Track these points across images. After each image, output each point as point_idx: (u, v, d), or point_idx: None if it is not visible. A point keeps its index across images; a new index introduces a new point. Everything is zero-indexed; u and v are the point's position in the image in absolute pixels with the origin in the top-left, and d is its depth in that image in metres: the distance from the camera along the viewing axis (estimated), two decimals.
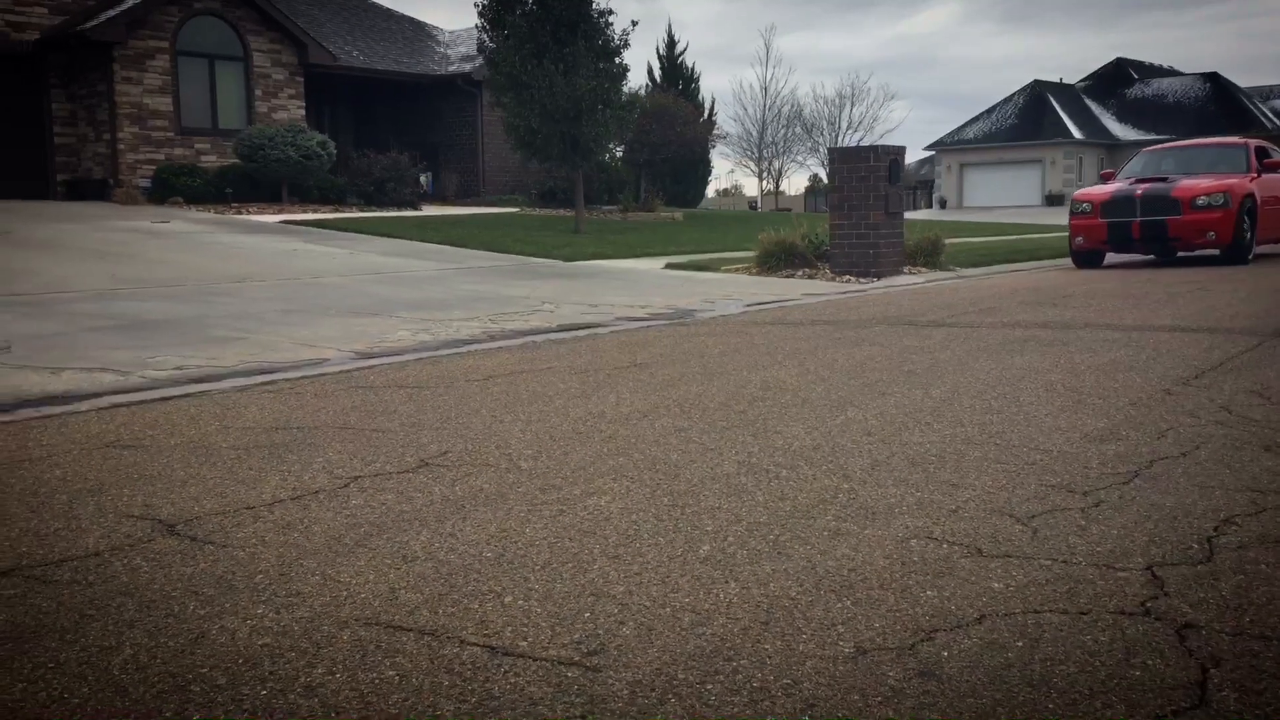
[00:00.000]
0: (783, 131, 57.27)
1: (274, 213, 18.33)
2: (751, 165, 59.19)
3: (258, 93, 21.37)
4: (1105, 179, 14.56)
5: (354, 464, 3.46)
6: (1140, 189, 13.00)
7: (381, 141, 25.08)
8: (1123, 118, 51.57)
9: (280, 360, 5.96)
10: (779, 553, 2.51)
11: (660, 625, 2.09)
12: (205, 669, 1.91)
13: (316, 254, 12.82)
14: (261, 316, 7.80)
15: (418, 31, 27.80)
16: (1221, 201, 12.56)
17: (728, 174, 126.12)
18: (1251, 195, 12.93)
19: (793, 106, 61.04)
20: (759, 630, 2.06)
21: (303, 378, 5.40)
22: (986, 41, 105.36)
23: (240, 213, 18.19)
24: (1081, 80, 55.00)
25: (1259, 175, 13.40)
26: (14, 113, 19.78)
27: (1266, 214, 13.36)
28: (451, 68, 26.08)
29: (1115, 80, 53.95)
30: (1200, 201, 12.59)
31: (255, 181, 19.51)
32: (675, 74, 34.04)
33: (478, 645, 2.00)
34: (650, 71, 34.63)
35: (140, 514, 2.91)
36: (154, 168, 19.59)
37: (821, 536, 2.62)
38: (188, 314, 7.81)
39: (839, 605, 2.18)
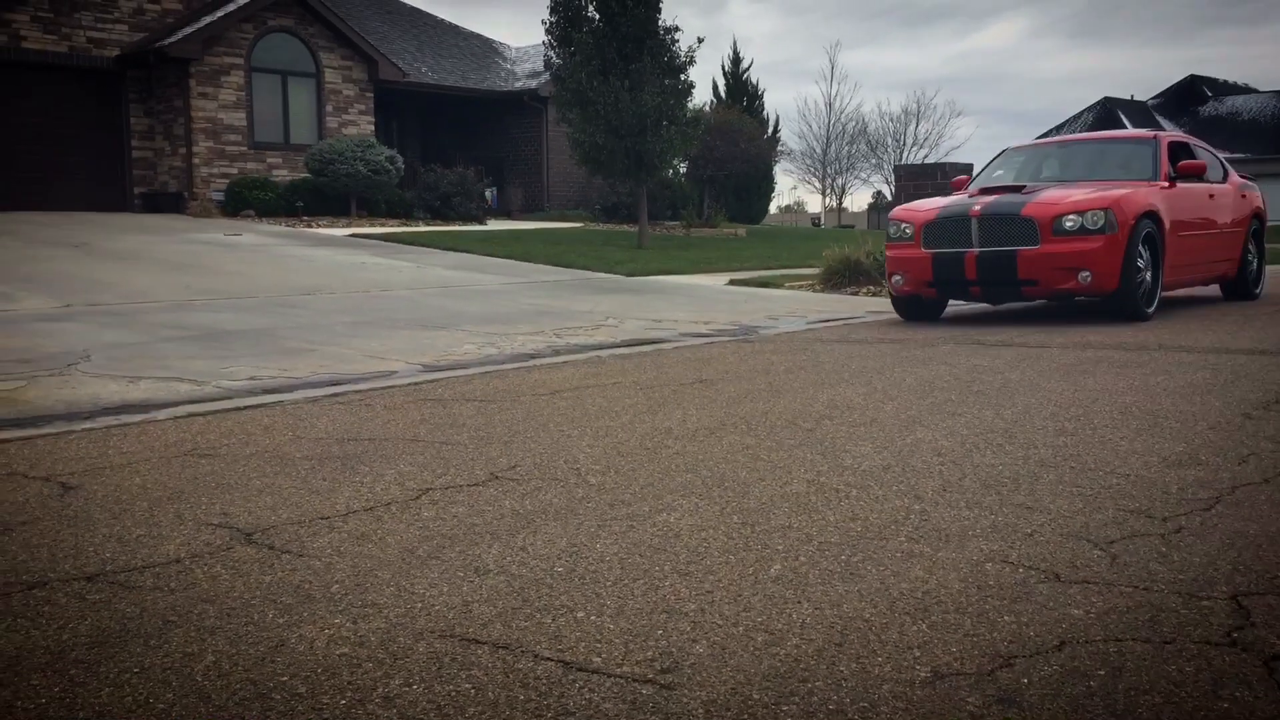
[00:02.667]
0: (847, 148, 56.95)
1: (343, 226, 18.60)
2: (815, 182, 58.92)
3: (328, 108, 21.73)
4: (956, 188, 10.04)
5: (425, 476, 3.50)
6: (980, 203, 8.32)
7: (448, 156, 25.36)
8: (1196, 136, 50.65)
9: (350, 372, 6.04)
10: (852, 574, 2.49)
11: (733, 644, 2.09)
12: (285, 677, 1.94)
13: (384, 267, 12.99)
14: (331, 328, 7.91)
15: (485, 48, 28.11)
16: (1100, 224, 7.90)
17: (790, 190, 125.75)
18: (1153, 214, 8.31)
19: (857, 123, 60.61)
20: (833, 652, 2.04)
21: (372, 390, 5.46)
22: (1055, 57, 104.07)
23: (310, 226, 18.48)
24: (1153, 97, 54.11)
25: (1171, 184, 8.88)
26: (95, 127, 20.32)
27: (1182, 243, 8.78)
28: (518, 84, 26.32)
29: (1188, 97, 52.99)
30: (1068, 223, 7.96)
31: (325, 195, 19.83)
32: (740, 90, 34.02)
33: (552, 660, 2.01)
34: (715, 88, 34.64)
35: (219, 522, 2.97)
36: (227, 181, 19.99)
37: (894, 558, 2.59)
38: (260, 325, 7.95)
39: (914, 628, 2.16)
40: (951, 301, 9.18)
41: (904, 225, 8.72)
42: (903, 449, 3.82)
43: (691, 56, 18.07)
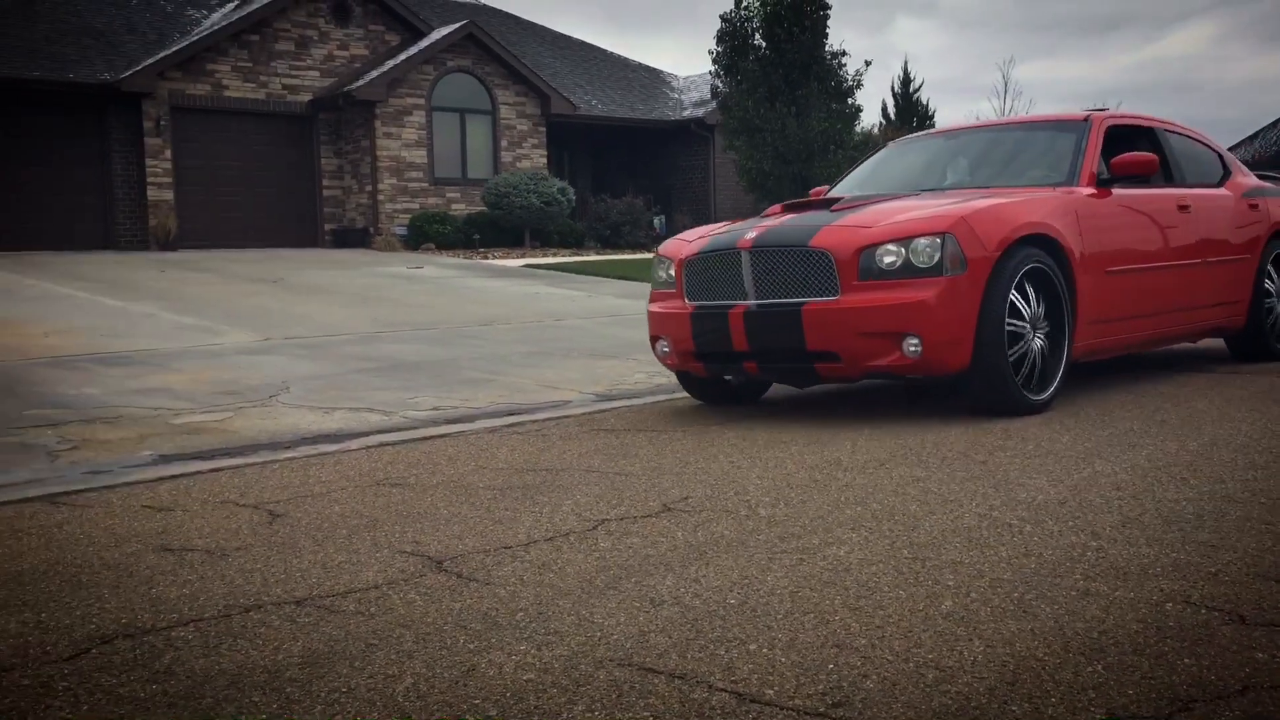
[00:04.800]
0: None
1: (517, 257, 19.20)
2: None
3: (503, 143, 22.48)
4: (818, 197, 6.63)
5: (601, 507, 3.63)
6: (760, 228, 5.42)
7: (617, 185, 25.86)
8: None
9: (526, 402, 6.27)
10: (1024, 612, 2.48)
11: (904, 681, 2.12)
12: (478, 700, 2.08)
13: (557, 297, 13.35)
14: (508, 358, 8.21)
15: (653, 79, 28.56)
16: (934, 258, 4.92)
17: None
18: (1045, 239, 5.24)
19: None
20: (1005, 691, 2.06)
21: (548, 419, 5.66)
22: (1246, 62, 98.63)
23: (486, 257, 19.14)
24: None
25: (1101, 191, 5.79)
26: (289, 167, 21.57)
27: (1115, 284, 5.67)
28: (685, 113, 26.63)
29: None
30: (884, 258, 4.99)
31: (500, 227, 20.51)
32: (910, 110, 33.54)
33: (726, 691, 2.09)
34: (884, 109, 34.24)
35: (411, 550, 3.16)
36: (409, 216, 20.92)
37: (1069, 596, 2.57)
38: (442, 356, 8.31)
39: (1089, 669, 2.15)
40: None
41: (667, 264, 5.82)
42: (1079, 482, 3.75)
43: (859, 80, 18.03)
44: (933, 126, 33.14)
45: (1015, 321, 5.09)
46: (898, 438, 4.74)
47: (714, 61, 18.60)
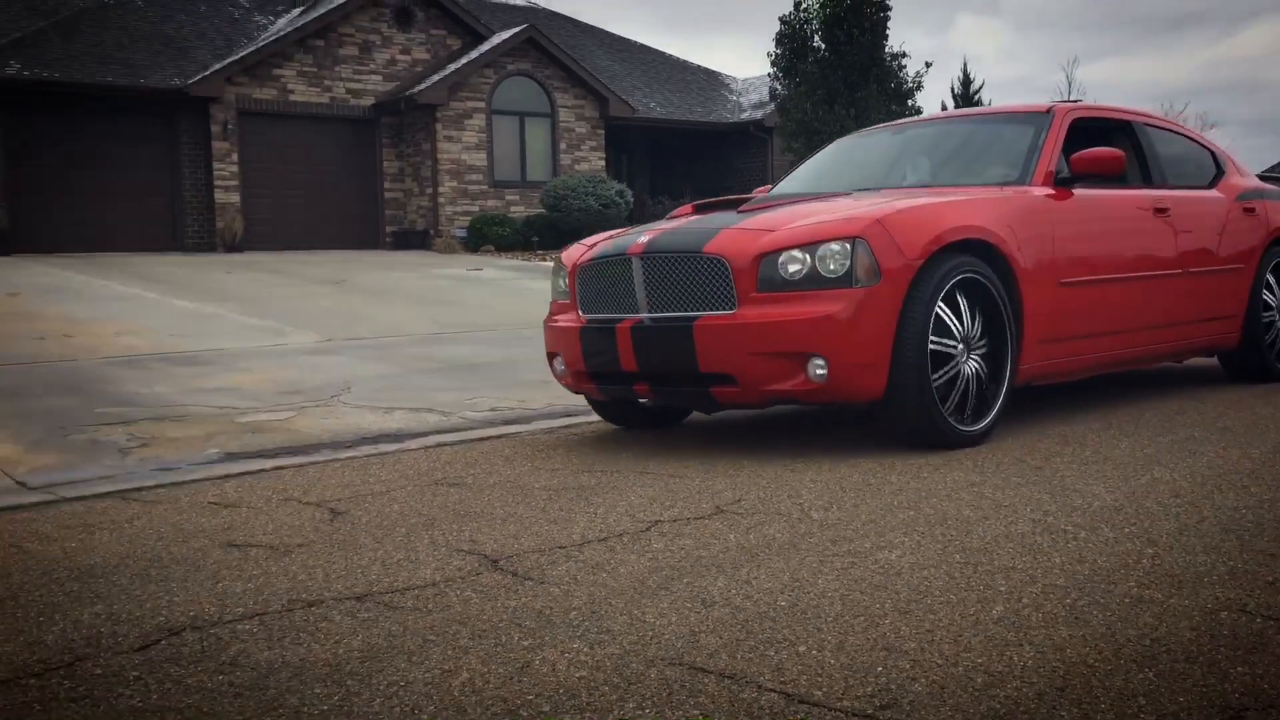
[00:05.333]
0: None
1: None
2: None
3: (562, 145, 22.63)
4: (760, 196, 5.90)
5: (654, 508, 3.67)
6: (655, 231, 4.87)
7: (674, 187, 25.90)
8: None
9: (582, 404, 6.32)
10: (1076, 618, 2.48)
11: (952, 684, 2.14)
12: (531, 696, 2.13)
13: None
14: None
15: (711, 80, 28.56)
16: (843, 267, 4.31)
17: None
18: (982, 245, 4.62)
19: None
20: (1054, 697, 2.07)
21: (601, 421, 5.71)
22: None
23: (544, 259, 19.27)
24: None
25: (1061, 191, 5.15)
26: (351, 170, 21.90)
27: (1073, 297, 5.06)
28: (743, 115, 26.61)
29: None
30: (787, 266, 4.37)
31: (558, 229, 20.64)
32: None
33: (775, 691, 2.12)
34: (944, 109, 33.99)
35: (468, 548, 3.23)
36: (469, 218, 21.14)
37: (1122, 603, 2.57)
38: (500, 357, 8.40)
39: (1140, 676, 2.15)
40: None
41: (564, 272, 5.19)
42: (1137, 489, 3.72)
43: (919, 82, 17.88)
44: None
45: (943, 340, 4.44)
46: None
47: (772, 64, 18.58)
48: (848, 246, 4.31)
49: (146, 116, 20.15)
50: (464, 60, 21.59)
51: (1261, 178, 7.00)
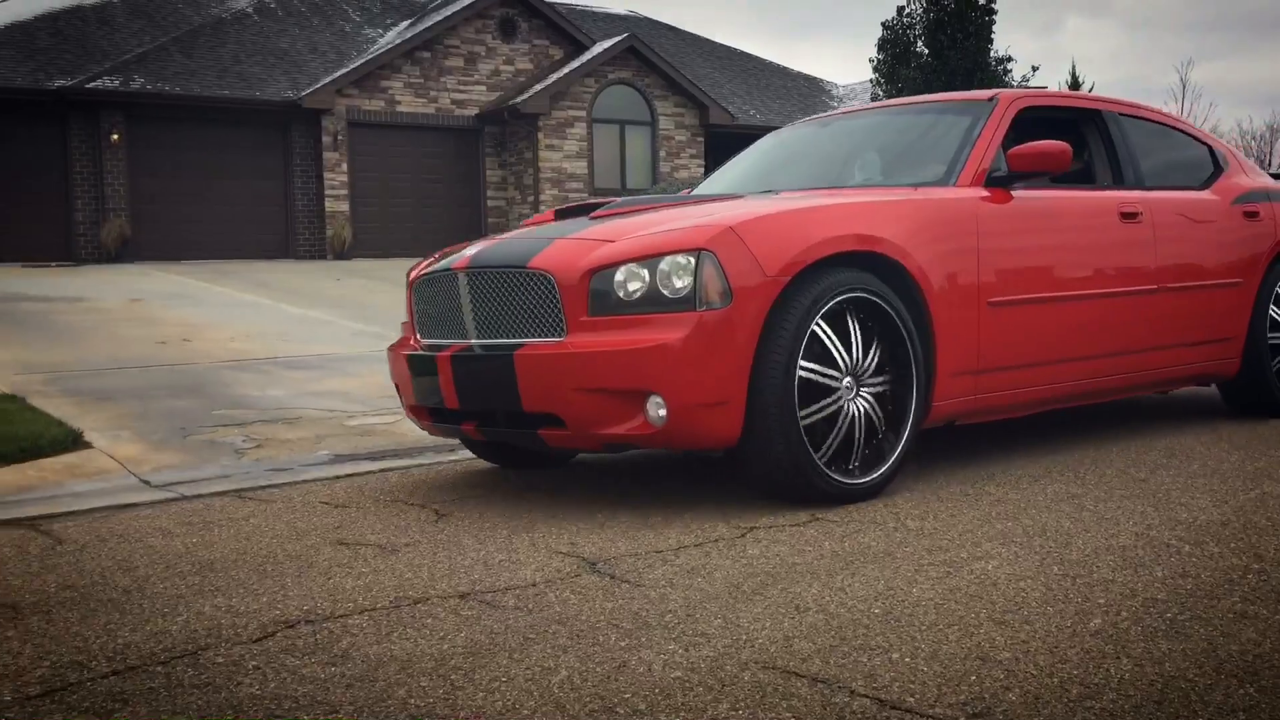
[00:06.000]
0: None
1: None
2: None
3: (662, 153, 22.77)
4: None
5: (750, 514, 3.71)
6: (480, 245, 4.22)
7: None
8: None
9: None
10: (1176, 632, 2.46)
11: (1047, 695, 2.14)
12: (628, 694, 2.19)
13: None
14: None
15: (812, 87, 28.44)
16: (685, 287, 3.57)
17: None
18: (886, 257, 3.89)
19: None
20: (1151, 709, 2.06)
21: None
22: None
23: None
24: None
25: (997, 192, 4.38)
26: (456, 179, 22.36)
27: (1011, 320, 4.29)
28: None
29: None
30: (627, 284, 3.64)
31: None
32: None
33: (867, 697, 2.15)
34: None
35: (567, 551, 3.31)
36: None
37: (1225, 619, 2.53)
38: None
39: (1240, 692, 2.12)
40: None
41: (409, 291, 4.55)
42: (1245, 503, 3.64)
43: (1025, 86, 17.55)
44: None
45: (819, 370, 3.69)
46: (1053, 453, 4.66)
47: (874, 69, 18.45)
48: (691, 260, 3.56)
49: (261, 128, 20.85)
50: (566, 70, 21.87)
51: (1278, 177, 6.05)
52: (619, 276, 3.64)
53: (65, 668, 2.41)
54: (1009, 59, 17.42)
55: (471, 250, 4.16)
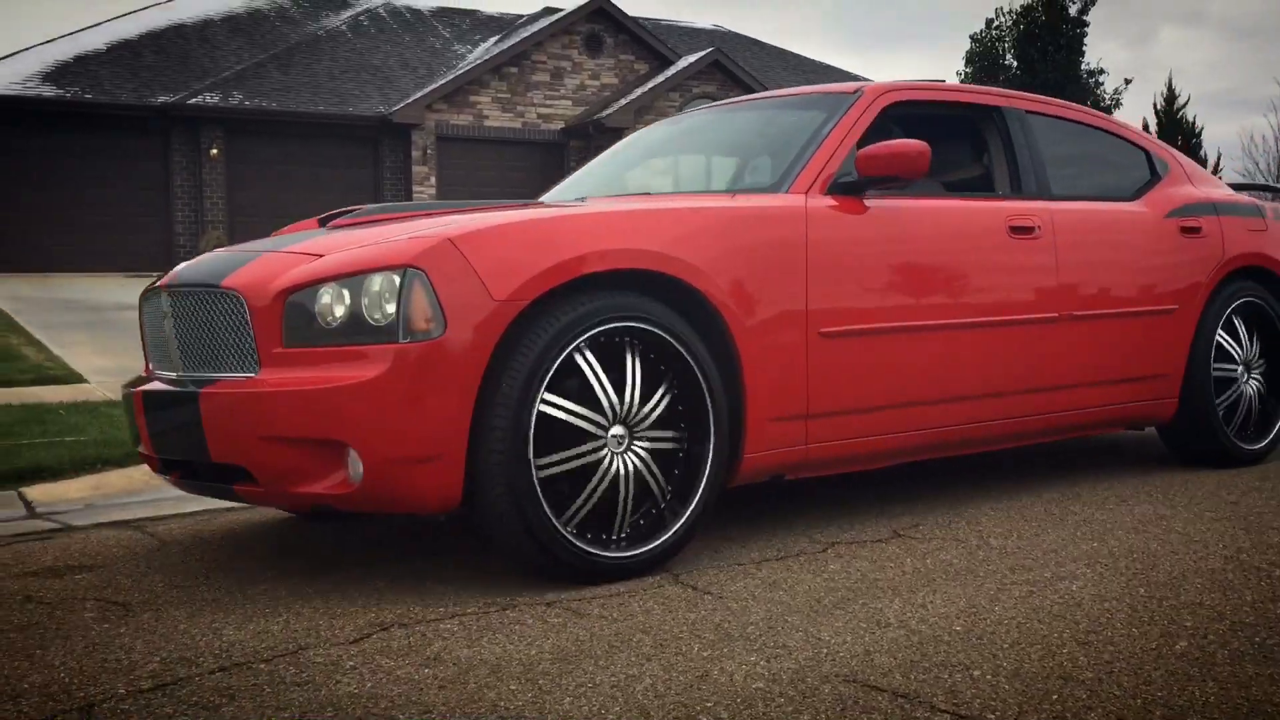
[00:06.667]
0: None
1: None
2: None
3: None
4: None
5: (831, 530, 3.73)
6: (184, 264, 3.61)
7: None
8: None
9: None
10: (1264, 656, 2.44)
11: (1130, 716, 2.14)
12: (710, 703, 2.24)
13: None
14: None
15: None
16: (387, 314, 2.92)
17: None
18: (674, 279, 3.24)
19: None
20: None
21: None
22: None
23: None
24: None
25: (841, 201, 3.68)
26: (541, 192, 22.59)
27: (828, 356, 3.54)
28: None
29: None
30: (334, 309, 2.98)
31: None
32: (1175, 129, 31.71)
33: (948, 713, 2.17)
34: (1145, 127, 32.54)
35: None
36: None
37: None
38: None
39: None
40: None
41: None
42: None
43: (1118, 99, 17.28)
44: (1199, 144, 30.67)
45: (574, 411, 3.05)
46: (1143, 475, 4.61)
47: (961, 82, 18.27)
48: (395, 280, 2.92)
49: (352, 142, 21.37)
50: (650, 84, 22.04)
51: (1240, 189, 5.45)
52: (321, 299, 3.00)
53: (175, 663, 2.53)
54: (1101, 71, 17.14)
55: (179, 266, 3.60)
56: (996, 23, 18.82)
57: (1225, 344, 4.68)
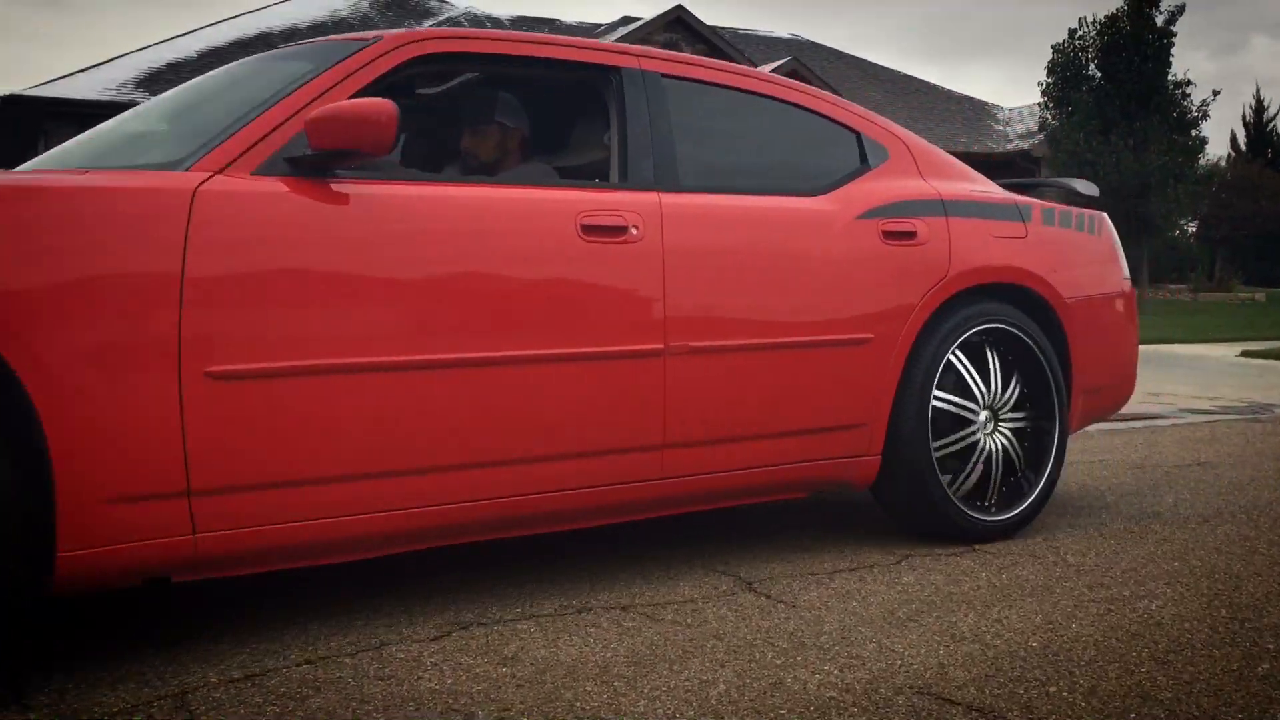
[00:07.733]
0: None
1: None
2: None
3: None
4: None
5: (905, 541, 3.72)
6: None
7: None
8: None
9: None
10: None
11: None
12: (783, 711, 2.27)
13: None
14: None
15: (978, 111, 27.92)
16: None
17: None
18: None
19: None
20: None
21: None
22: None
23: None
24: None
25: (305, 184, 2.63)
26: None
27: (219, 405, 2.43)
28: (1010, 145, 25.86)
29: None
30: None
31: None
32: (1263, 141, 31.00)
33: None
34: (1233, 139, 31.85)
35: (723, 569, 3.39)
36: None
37: None
38: None
39: None
40: None
41: None
42: None
43: (1205, 111, 16.92)
44: None
45: None
46: (1226, 495, 4.53)
47: (1043, 93, 18.05)
48: None
49: None
50: None
51: (1012, 186, 4.16)
52: None
53: (262, 655, 2.62)
54: (1188, 82, 16.78)
55: None
56: (1080, 33, 18.52)
57: (967, 379, 3.64)
